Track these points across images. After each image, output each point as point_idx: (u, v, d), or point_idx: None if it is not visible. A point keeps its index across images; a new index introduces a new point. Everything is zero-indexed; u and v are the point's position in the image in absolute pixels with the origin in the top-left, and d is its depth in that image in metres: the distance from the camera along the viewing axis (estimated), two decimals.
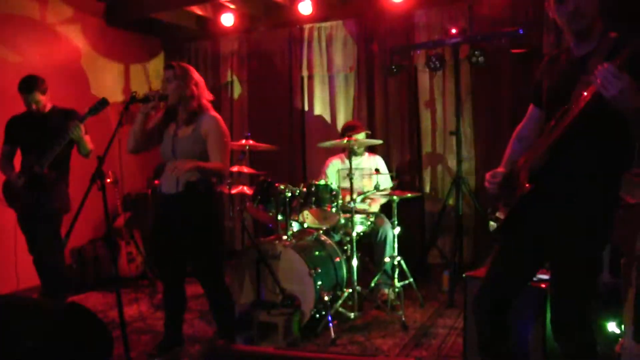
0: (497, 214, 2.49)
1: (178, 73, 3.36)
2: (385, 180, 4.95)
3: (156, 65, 6.85)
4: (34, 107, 4.12)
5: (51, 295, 4.07)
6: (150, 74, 6.77)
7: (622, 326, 2.97)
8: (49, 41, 5.47)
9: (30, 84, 4.09)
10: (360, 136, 4.89)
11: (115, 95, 6.17)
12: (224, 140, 3.39)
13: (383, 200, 4.99)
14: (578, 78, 2.10)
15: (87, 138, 4.11)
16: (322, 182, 4.39)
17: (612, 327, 3.17)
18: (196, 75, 3.44)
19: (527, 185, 2.31)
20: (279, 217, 4.30)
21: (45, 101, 4.17)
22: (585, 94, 2.03)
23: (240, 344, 3.35)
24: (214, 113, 3.44)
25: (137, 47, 6.62)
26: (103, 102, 3.70)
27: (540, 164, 2.28)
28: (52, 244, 4.04)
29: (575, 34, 2.23)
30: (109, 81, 6.17)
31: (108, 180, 5.40)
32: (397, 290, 4.43)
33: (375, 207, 5.01)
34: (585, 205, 2.20)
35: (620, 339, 2.98)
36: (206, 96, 3.47)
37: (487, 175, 2.54)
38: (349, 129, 4.89)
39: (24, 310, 2.75)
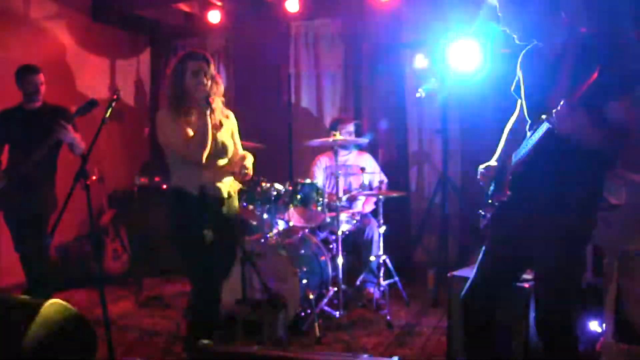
0: (484, 212, 2.52)
1: (213, 68, 3.15)
2: (375, 179, 4.97)
3: (142, 61, 6.82)
4: (41, 88, 4.06)
5: (36, 294, 4.02)
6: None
7: (604, 325, 3.00)
8: (33, 37, 5.41)
9: (34, 66, 4.06)
10: (350, 127, 4.90)
11: (101, 92, 6.13)
12: None
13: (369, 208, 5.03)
14: (552, 82, 2.13)
15: (77, 136, 4.03)
16: (308, 180, 4.40)
17: (593, 326, 3.20)
18: None
19: (507, 192, 2.38)
20: (265, 216, 4.30)
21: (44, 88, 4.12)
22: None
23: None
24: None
25: (124, 43, 6.57)
26: (92, 103, 3.60)
27: (519, 170, 2.33)
28: (40, 245, 3.98)
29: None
30: (94, 78, 6.12)
31: (93, 177, 5.38)
32: (382, 288, 4.45)
33: (368, 208, 5.03)
34: (563, 205, 2.22)
35: (601, 338, 3.01)
36: None
37: (481, 168, 2.57)
38: (339, 122, 4.91)
39: (5, 307, 2.72)
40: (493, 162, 2.58)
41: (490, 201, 2.50)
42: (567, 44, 2.20)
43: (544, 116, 2.13)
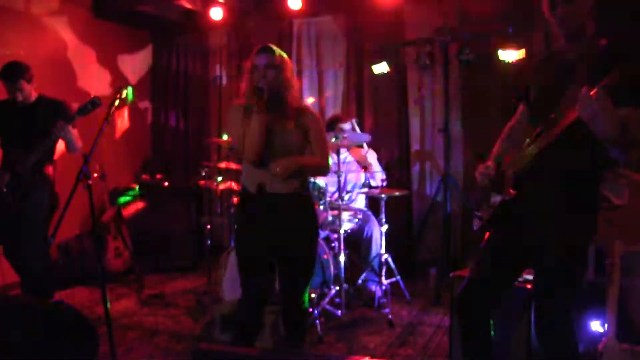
0: (480, 213, 2.51)
1: (278, 61, 2.94)
2: (377, 177, 4.96)
3: (144, 58, 6.81)
4: (18, 97, 3.88)
5: (36, 293, 3.96)
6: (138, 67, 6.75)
7: (606, 325, 2.99)
8: (34, 33, 5.39)
9: (14, 71, 3.84)
10: (347, 126, 4.89)
11: (102, 89, 6.12)
12: (325, 135, 3.07)
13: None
14: (566, 86, 2.11)
15: (74, 132, 3.94)
16: (310, 179, 4.39)
17: (595, 325, 3.20)
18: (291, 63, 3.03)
19: (510, 191, 2.36)
20: None
21: (30, 90, 3.93)
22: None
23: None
24: (311, 107, 3.08)
25: (125, 39, 6.56)
26: (94, 102, 3.47)
27: (525, 170, 2.31)
28: (39, 248, 3.87)
29: (566, 36, 2.24)
30: (95, 74, 6.11)
31: (95, 174, 5.36)
32: (384, 287, 4.44)
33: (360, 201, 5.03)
34: (564, 206, 2.22)
35: (603, 338, 3.00)
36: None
37: (481, 167, 2.55)
38: (336, 121, 4.88)
39: (8, 309, 2.73)
40: (490, 163, 2.56)
41: (487, 202, 2.49)
42: (585, 51, 2.18)
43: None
